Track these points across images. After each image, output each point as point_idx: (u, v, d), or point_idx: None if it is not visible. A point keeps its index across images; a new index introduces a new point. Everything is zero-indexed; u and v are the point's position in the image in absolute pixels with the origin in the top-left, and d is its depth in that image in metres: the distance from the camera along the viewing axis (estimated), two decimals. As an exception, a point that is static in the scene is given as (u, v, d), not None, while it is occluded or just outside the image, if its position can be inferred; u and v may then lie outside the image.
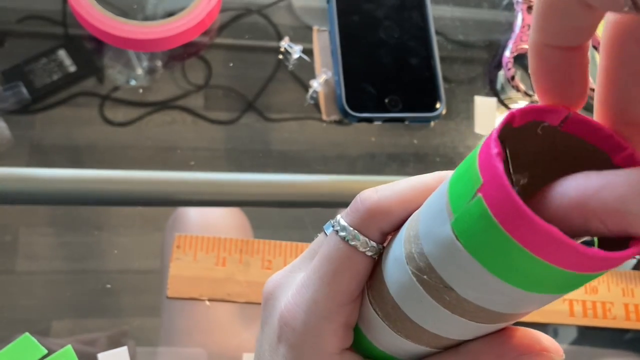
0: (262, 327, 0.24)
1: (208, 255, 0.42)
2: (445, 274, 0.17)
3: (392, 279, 0.20)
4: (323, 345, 0.21)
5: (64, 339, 0.39)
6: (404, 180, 0.21)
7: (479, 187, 0.16)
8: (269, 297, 0.23)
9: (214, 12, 0.52)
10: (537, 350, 0.19)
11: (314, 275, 0.21)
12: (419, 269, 0.18)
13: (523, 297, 0.17)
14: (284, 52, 0.53)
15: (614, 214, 0.14)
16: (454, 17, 0.57)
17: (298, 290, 0.22)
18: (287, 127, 0.52)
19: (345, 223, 0.21)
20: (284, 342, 0.22)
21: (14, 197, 0.46)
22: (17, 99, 0.47)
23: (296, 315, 0.21)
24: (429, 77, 0.51)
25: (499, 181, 0.15)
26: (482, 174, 0.16)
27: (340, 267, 0.21)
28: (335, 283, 0.21)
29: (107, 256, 0.45)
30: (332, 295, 0.21)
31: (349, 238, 0.21)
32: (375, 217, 0.20)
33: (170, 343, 0.44)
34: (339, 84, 0.50)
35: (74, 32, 0.52)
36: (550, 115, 0.17)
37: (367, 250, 0.21)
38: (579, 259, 0.15)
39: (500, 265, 0.16)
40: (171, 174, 0.48)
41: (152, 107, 0.50)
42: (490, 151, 0.15)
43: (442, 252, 0.17)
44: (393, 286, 0.20)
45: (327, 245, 0.21)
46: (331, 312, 0.21)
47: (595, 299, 0.45)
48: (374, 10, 0.53)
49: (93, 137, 0.49)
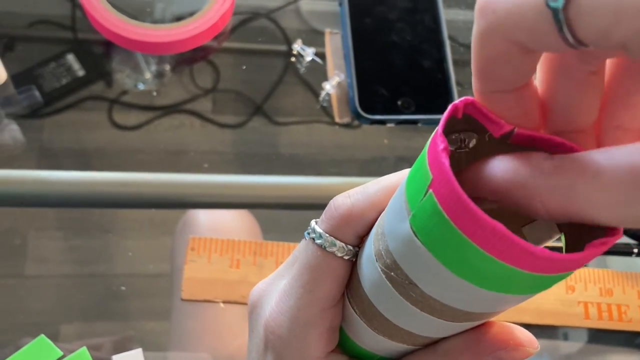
0: (249, 336, 0.24)
1: (222, 258, 0.42)
2: (408, 270, 0.18)
3: (365, 277, 0.20)
4: (309, 351, 0.22)
5: (72, 343, 0.39)
6: (373, 183, 0.21)
7: (430, 183, 0.16)
8: (254, 305, 0.24)
9: (227, 16, 0.52)
10: (512, 346, 0.20)
11: (295, 283, 0.21)
12: (386, 265, 0.18)
13: (485, 296, 0.17)
14: (296, 54, 0.53)
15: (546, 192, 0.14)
16: (467, 20, 0.57)
17: (281, 299, 0.22)
18: (295, 131, 0.51)
19: (320, 230, 0.21)
20: (271, 349, 0.22)
21: (24, 199, 0.46)
22: (30, 102, 0.47)
23: (281, 323, 0.22)
24: (441, 79, 0.51)
25: (445, 176, 0.15)
26: (432, 170, 0.16)
27: (320, 275, 0.21)
28: (317, 290, 0.21)
29: (116, 260, 0.45)
30: (314, 302, 0.21)
31: (326, 245, 0.21)
32: (350, 222, 0.21)
33: (180, 347, 0.43)
34: (351, 86, 0.50)
35: (82, 37, 0.52)
36: (493, 127, 0.17)
37: (344, 254, 0.21)
38: (527, 258, 0.15)
39: (455, 261, 0.16)
40: (181, 176, 0.47)
41: (160, 111, 0.50)
42: (437, 147, 0.15)
43: (404, 249, 0.17)
44: (367, 284, 0.20)
45: (305, 254, 0.21)
46: (315, 318, 0.21)
47: (611, 302, 0.45)
48: (386, 13, 0.53)
49: (102, 140, 0.49)
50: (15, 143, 0.46)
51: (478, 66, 0.16)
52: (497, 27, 0.14)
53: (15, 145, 0.46)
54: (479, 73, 0.16)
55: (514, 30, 0.14)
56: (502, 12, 0.14)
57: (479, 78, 0.16)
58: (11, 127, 0.46)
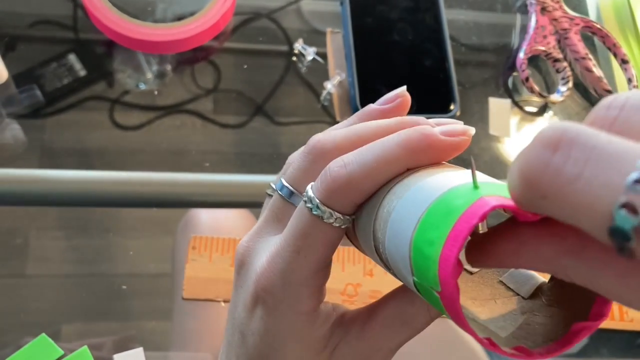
0: (236, 290, 0.25)
1: (223, 257, 0.42)
2: (390, 260, 0.20)
3: (362, 223, 0.22)
4: (301, 307, 0.23)
5: (73, 343, 0.39)
6: (367, 150, 0.21)
7: (437, 290, 0.17)
8: (242, 262, 0.25)
9: (228, 15, 0.52)
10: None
11: (288, 247, 0.22)
12: (375, 245, 0.21)
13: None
14: (297, 53, 0.53)
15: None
16: (468, 20, 0.57)
17: (273, 258, 0.23)
18: (296, 131, 0.51)
19: (318, 201, 0.21)
20: (262, 305, 0.23)
21: (26, 198, 0.46)
22: (32, 101, 0.47)
23: (274, 282, 0.22)
24: (442, 79, 0.51)
25: (453, 302, 0.16)
26: (441, 282, 0.16)
27: (315, 242, 0.22)
28: (311, 256, 0.22)
29: (118, 259, 0.45)
30: (307, 265, 0.22)
31: (323, 216, 0.21)
32: (348, 194, 0.21)
33: (182, 346, 0.43)
34: (352, 86, 0.50)
35: (84, 37, 0.52)
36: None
37: (341, 224, 0.21)
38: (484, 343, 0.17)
39: (425, 292, 0.18)
40: (182, 175, 0.47)
41: (161, 111, 0.50)
42: (450, 262, 0.16)
43: (398, 266, 0.19)
44: (364, 220, 0.22)
45: (300, 221, 0.22)
46: (307, 279, 0.22)
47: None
48: (388, 13, 0.53)
49: (103, 141, 0.49)
50: (17, 142, 0.46)
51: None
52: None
53: (17, 144, 0.46)
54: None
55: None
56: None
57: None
58: (12, 127, 0.47)
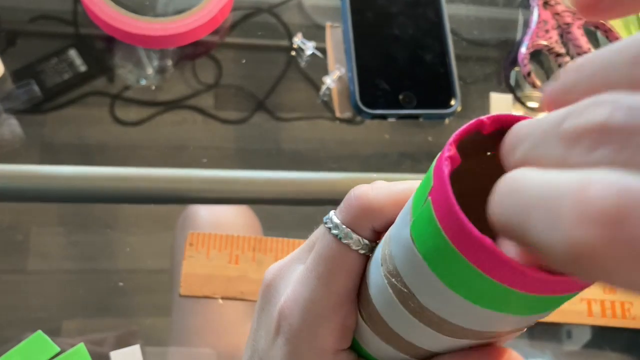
0: (258, 313, 0.24)
1: (221, 253, 0.42)
2: (407, 279, 0.17)
3: (371, 280, 0.20)
4: (318, 343, 0.21)
5: (73, 339, 0.39)
6: (401, 182, 0.21)
7: (430, 190, 0.15)
8: (268, 285, 0.24)
9: (227, 9, 0.51)
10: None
11: (310, 274, 0.21)
12: (389, 271, 0.18)
13: (481, 314, 0.16)
14: (296, 48, 0.52)
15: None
16: (469, 14, 0.56)
17: (296, 286, 0.22)
18: (297, 126, 0.51)
19: (338, 221, 0.21)
20: (282, 334, 0.22)
21: (26, 194, 0.46)
22: (29, 97, 0.47)
23: (294, 312, 0.21)
24: (443, 74, 0.51)
25: (443, 185, 0.14)
26: (434, 177, 0.15)
27: (335, 267, 0.21)
28: (331, 283, 0.21)
29: (118, 255, 0.45)
30: (328, 294, 0.21)
31: (342, 236, 0.20)
32: (368, 215, 0.20)
33: (181, 343, 0.43)
34: (352, 81, 0.49)
35: (84, 32, 0.51)
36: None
37: (360, 248, 0.20)
38: (517, 277, 0.14)
39: (449, 275, 0.15)
40: (182, 171, 0.47)
41: (162, 106, 0.50)
42: (443, 154, 0.15)
43: (404, 256, 0.17)
44: (372, 288, 0.19)
45: (321, 244, 0.21)
46: (328, 311, 0.21)
47: (614, 299, 0.44)
48: (388, 7, 0.53)
49: (103, 136, 0.49)
50: (14, 138, 0.46)
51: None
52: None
53: (14, 140, 0.46)
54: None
55: None
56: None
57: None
58: (10, 122, 0.47)
